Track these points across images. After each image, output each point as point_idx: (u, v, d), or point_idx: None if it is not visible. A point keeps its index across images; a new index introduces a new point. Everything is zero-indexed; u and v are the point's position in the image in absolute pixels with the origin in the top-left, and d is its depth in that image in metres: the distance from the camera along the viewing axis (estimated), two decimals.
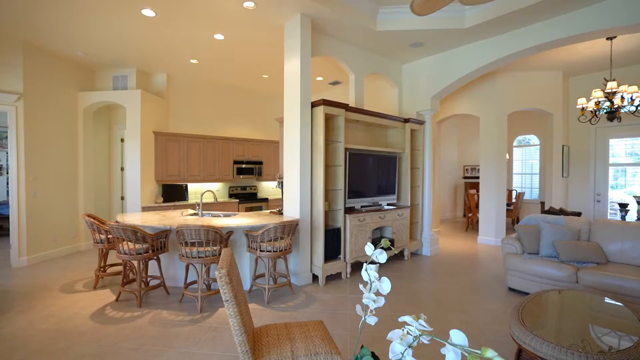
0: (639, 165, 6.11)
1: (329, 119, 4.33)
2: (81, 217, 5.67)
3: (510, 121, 7.63)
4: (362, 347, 1.10)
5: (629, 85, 4.55)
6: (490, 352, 0.74)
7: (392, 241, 4.82)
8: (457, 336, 0.81)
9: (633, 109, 4.58)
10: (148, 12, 3.93)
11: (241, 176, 7.17)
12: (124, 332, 2.80)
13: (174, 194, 6.33)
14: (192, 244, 3.25)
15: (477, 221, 7.12)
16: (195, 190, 6.79)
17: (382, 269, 4.68)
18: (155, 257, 3.48)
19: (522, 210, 8.32)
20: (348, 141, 4.64)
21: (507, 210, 7.28)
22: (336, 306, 3.41)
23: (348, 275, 4.30)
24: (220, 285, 1.53)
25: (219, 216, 4.31)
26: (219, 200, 6.81)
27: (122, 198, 6.54)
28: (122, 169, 6.53)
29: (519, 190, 8.47)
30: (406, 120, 5.18)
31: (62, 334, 2.77)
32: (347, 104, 4.25)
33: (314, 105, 4.10)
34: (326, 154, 4.26)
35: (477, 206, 7.55)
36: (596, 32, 3.77)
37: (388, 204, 5.14)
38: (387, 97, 5.88)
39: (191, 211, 4.68)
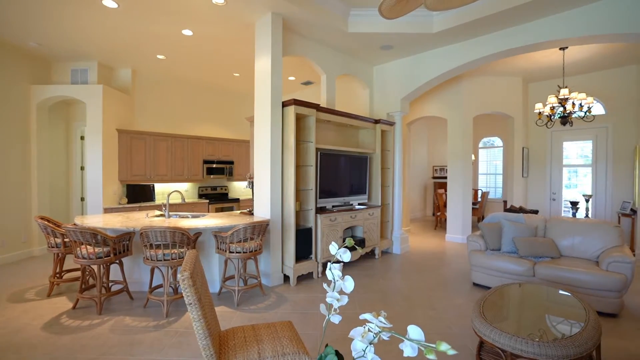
0: (589, 167, 6.60)
1: (300, 119, 4.32)
2: (34, 220, 5.28)
3: (476, 123, 7.98)
4: (326, 345, 1.10)
5: (579, 93, 4.90)
6: (444, 346, 0.76)
7: (363, 240, 4.88)
8: (414, 331, 0.83)
9: (582, 114, 4.94)
10: (109, 3, 3.73)
11: (211, 176, 6.99)
12: (81, 342, 2.64)
13: (139, 194, 6.06)
14: (158, 247, 3.12)
15: (446, 220, 7.39)
16: (163, 190, 6.54)
17: (354, 268, 4.74)
18: (117, 261, 3.31)
19: (486, 209, 8.73)
20: (319, 141, 4.66)
21: (473, 209, 7.60)
22: (307, 306, 3.40)
23: (319, 275, 4.31)
24: (183, 288, 1.48)
25: (187, 217, 4.18)
26: (187, 200, 6.61)
27: (82, 199, 6.17)
28: (82, 168, 6.16)
29: (484, 190, 8.87)
30: (377, 121, 5.28)
31: (9, 347, 2.56)
32: (318, 104, 4.27)
33: (284, 104, 4.07)
34: (297, 153, 4.25)
35: (445, 205, 7.83)
36: (551, 42, 4.03)
37: (359, 204, 5.20)
38: (359, 98, 5.97)
39: (157, 212, 4.51)
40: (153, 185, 6.31)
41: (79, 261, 3.11)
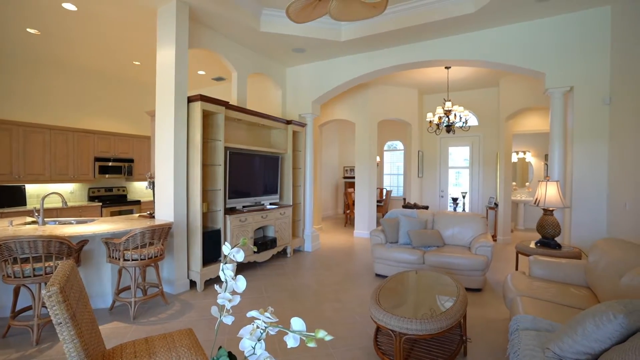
0: (467, 168, 7.87)
1: (207, 116, 4.12)
2: None
3: (381, 128, 8.76)
4: (219, 348, 1.09)
5: (459, 106, 5.81)
6: (321, 333, 0.83)
7: (274, 240, 4.91)
8: (296, 323, 0.88)
9: (461, 124, 5.87)
10: None
11: (106, 176, 6.15)
12: None
13: (3, 198, 4.97)
14: (25, 260, 2.61)
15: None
16: (39, 192, 5.48)
17: (266, 267, 4.73)
18: None
19: (390, 206, 9.65)
20: (229, 140, 4.51)
21: (378, 206, 8.31)
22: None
23: None
24: (50, 307, 1.28)
25: (71, 223, 3.60)
26: (73, 204, 5.68)
27: None
28: None
29: (388, 189, 9.78)
30: (288, 122, 5.36)
31: None
32: (227, 102, 4.13)
33: (190, 100, 3.83)
34: (204, 152, 4.04)
35: (354, 203, 8.38)
36: (437, 60, 4.70)
37: (271, 204, 5.21)
38: (271, 98, 5.97)
39: (29, 219, 3.77)
40: (24, 186, 5.24)
41: None
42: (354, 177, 10.40)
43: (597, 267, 2.59)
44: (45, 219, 3.54)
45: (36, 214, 3.49)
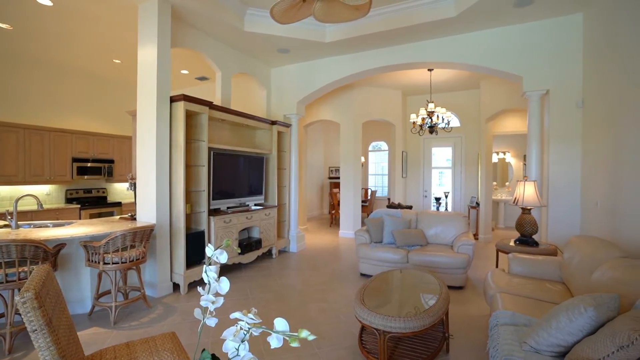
0: (450, 169, 8.04)
1: (191, 116, 4.06)
2: None
3: (366, 128, 8.84)
4: (203, 351, 1.08)
5: (441, 107, 5.94)
6: (304, 333, 0.84)
7: (259, 241, 4.88)
8: (279, 324, 0.88)
9: (444, 125, 6.00)
10: None
11: (85, 177, 5.97)
12: None
13: None
14: None
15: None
16: (12, 194, 5.27)
17: (251, 269, 4.69)
18: None
19: (375, 206, 9.74)
20: (213, 140, 4.45)
21: (363, 206, 8.39)
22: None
23: None
24: (25, 313, 1.23)
25: (47, 226, 3.48)
26: (49, 206, 5.48)
27: None
28: None
29: (373, 189, 9.88)
30: (273, 123, 5.34)
31: None
32: (211, 102, 4.08)
33: (173, 100, 3.77)
34: (187, 153, 3.98)
35: (339, 204, 8.42)
36: (421, 62, 4.78)
37: (256, 204, 5.18)
38: (256, 99, 5.94)
39: (2, 222, 3.62)
40: None
41: None
42: (339, 178, 10.45)
43: (571, 264, 2.70)
44: (19, 222, 3.42)
45: (9, 217, 3.35)
